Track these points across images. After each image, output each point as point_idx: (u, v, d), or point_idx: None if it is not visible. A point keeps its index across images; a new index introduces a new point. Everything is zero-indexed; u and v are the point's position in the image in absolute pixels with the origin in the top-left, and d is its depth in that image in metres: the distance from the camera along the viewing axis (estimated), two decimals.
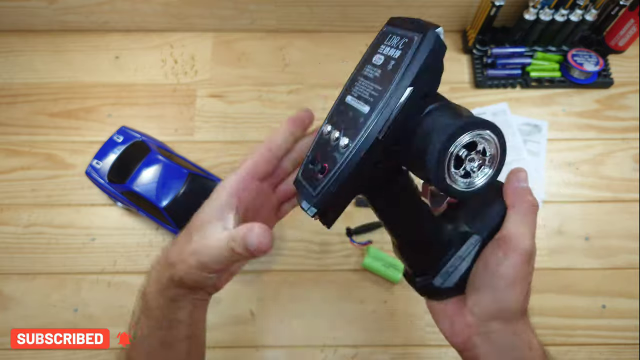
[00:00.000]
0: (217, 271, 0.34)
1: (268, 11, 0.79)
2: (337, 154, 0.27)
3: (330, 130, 0.29)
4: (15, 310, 0.65)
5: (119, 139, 0.69)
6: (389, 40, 0.29)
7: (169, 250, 0.36)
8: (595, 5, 0.71)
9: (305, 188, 0.29)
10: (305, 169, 0.30)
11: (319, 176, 0.28)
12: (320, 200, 0.28)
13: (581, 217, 0.70)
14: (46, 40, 0.81)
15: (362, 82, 0.29)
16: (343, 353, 0.63)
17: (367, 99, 0.27)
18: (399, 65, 0.26)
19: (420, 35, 0.26)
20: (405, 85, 0.26)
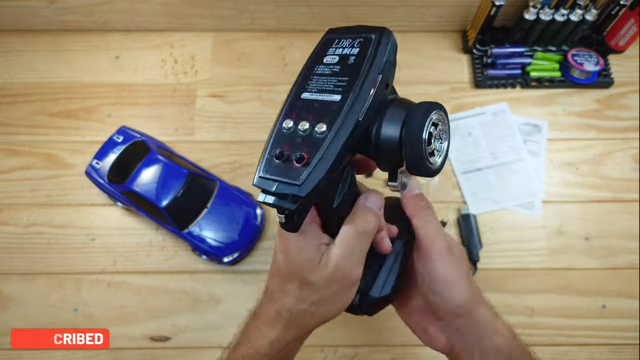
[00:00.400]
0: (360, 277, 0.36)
1: (268, 11, 0.79)
2: (314, 140, 0.28)
3: (293, 124, 0.29)
4: (15, 310, 0.65)
5: (119, 139, 0.69)
6: (338, 44, 0.31)
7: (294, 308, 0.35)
8: (596, 5, 0.70)
9: (278, 182, 0.28)
10: (269, 165, 0.29)
11: (296, 165, 0.27)
12: (308, 187, 0.27)
13: (581, 217, 0.70)
14: (46, 40, 0.81)
15: (319, 79, 0.30)
16: (343, 353, 0.63)
17: (334, 90, 0.29)
18: (363, 58, 0.29)
19: (377, 34, 0.30)
20: (376, 72, 0.28)
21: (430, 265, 0.36)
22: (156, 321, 0.64)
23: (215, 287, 0.66)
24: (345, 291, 0.34)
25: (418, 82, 0.79)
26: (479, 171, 0.73)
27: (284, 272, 0.35)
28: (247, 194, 0.69)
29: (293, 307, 0.35)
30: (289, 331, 0.36)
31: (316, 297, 0.34)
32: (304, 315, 0.35)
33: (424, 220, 0.37)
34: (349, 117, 0.28)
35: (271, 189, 0.28)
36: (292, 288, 0.34)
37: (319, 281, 0.33)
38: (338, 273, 0.33)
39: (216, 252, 0.64)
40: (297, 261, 0.33)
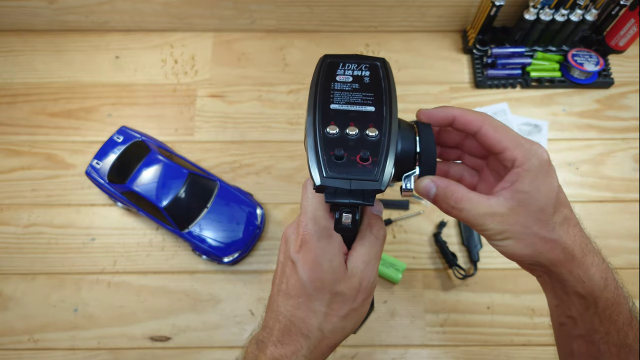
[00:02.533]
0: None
1: (268, 11, 0.79)
2: (370, 143, 0.30)
3: (339, 130, 0.30)
4: (15, 310, 0.65)
5: (119, 139, 0.69)
6: (345, 67, 0.35)
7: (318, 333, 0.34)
8: (596, 5, 0.70)
9: (352, 180, 0.29)
10: (331, 165, 0.29)
11: (363, 164, 0.29)
12: (384, 181, 0.29)
13: (581, 217, 0.70)
14: (46, 40, 0.81)
15: (342, 94, 0.33)
16: (343, 353, 0.63)
17: (364, 102, 0.32)
18: (378, 78, 0.34)
19: (381, 62, 0.35)
20: (394, 91, 0.33)
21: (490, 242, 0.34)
22: (156, 321, 0.64)
23: (215, 287, 0.66)
24: (368, 300, 0.35)
25: (418, 82, 0.79)
26: None
27: (310, 290, 0.33)
28: (247, 194, 0.69)
29: (324, 325, 0.33)
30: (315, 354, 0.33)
31: (347, 309, 0.33)
32: (334, 331, 0.33)
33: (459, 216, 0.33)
34: (393, 123, 0.31)
35: (347, 186, 0.29)
36: (320, 305, 0.33)
37: (348, 291, 0.33)
38: (364, 282, 0.33)
39: (216, 252, 0.64)
40: (328, 273, 0.32)
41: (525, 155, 0.31)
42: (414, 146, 0.32)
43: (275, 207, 0.71)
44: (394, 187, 0.71)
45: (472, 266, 0.67)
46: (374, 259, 0.34)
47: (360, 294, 0.33)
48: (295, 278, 0.33)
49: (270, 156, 0.74)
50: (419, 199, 0.71)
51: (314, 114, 0.31)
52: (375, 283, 0.35)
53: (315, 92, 0.33)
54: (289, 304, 0.33)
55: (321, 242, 0.32)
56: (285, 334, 0.33)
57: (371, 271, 0.34)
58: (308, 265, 0.32)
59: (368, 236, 0.34)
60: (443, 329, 0.64)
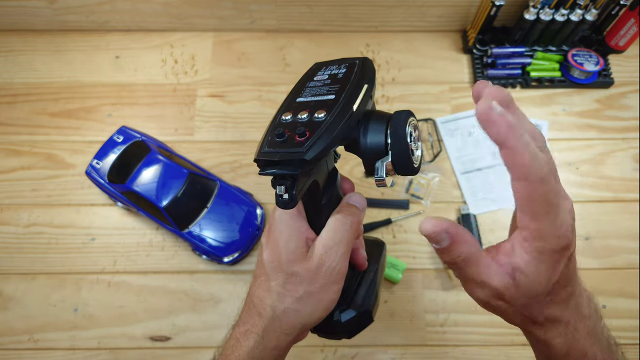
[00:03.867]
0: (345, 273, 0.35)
1: (268, 11, 0.79)
2: (314, 122, 0.30)
3: (292, 116, 0.32)
4: (15, 310, 0.65)
5: (119, 139, 0.69)
6: (325, 70, 0.36)
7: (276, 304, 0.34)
8: (596, 5, 0.70)
9: (282, 152, 0.30)
10: (271, 143, 0.30)
11: (298, 140, 0.30)
12: (312, 152, 0.29)
13: (581, 217, 0.70)
14: (46, 40, 0.81)
15: (312, 89, 0.34)
16: (343, 353, 0.63)
17: (328, 93, 0.33)
18: (350, 74, 0.34)
19: (361, 59, 0.35)
20: (364, 81, 0.33)
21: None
22: (156, 321, 0.64)
23: (215, 287, 0.66)
24: (331, 287, 0.34)
25: (418, 82, 0.79)
26: (479, 171, 0.73)
27: (268, 270, 0.34)
28: (247, 194, 0.69)
29: (276, 304, 0.33)
30: (269, 336, 0.34)
31: (301, 291, 0.33)
32: (287, 313, 0.33)
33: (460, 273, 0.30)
34: (345, 106, 0.31)
35: (275, 158, 0.30)
36: (276, 284, 0.34)
37: (305, 273, 0.33)
38: (324, 265, 0.33)
39: (216, 252, 0.64)
40: (284, 253, 0.33)
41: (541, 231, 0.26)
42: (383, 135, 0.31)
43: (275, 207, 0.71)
44: (394, 188, 0.71)
45: None
46: (338, 244, 0.33)
47: (318, 278, 0.33)
48: (259, 259, 0.35)
49: None
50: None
51: (280, 107, 0.34)
52: (340, 270, 0.34)
53: (290, 91, 0.35)
54: (254, 284, 0.35)
55: (282, 224, 0.34)
56: (246, 312, 0.35)
57: (333, 256, 0.33)
58: (269, 246, 0.34)
59: (333, 221, 0.34)
60: (443, 329, 0.64)
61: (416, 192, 0.71)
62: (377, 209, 0.70)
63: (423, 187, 0.71)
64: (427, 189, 0.71)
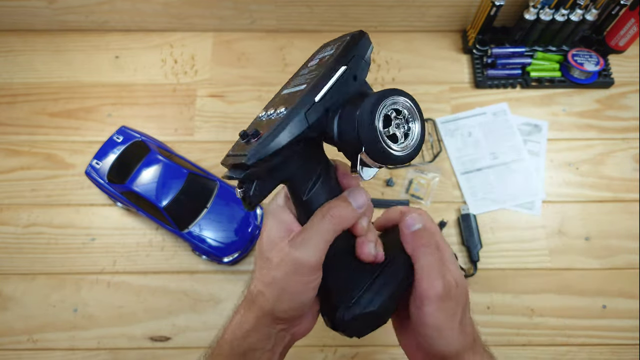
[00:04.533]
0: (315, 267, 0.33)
1: (268, 11, 0.79)
2: (273, 121, 0.30)
3: (264, 113, 0.32)
4: (15, 310, 0.65)
5: (119, 139, 0.69)
6: (321, 52, 0.34)
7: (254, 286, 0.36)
8: (596, 5, 0.70)
9: (233, 156, 0.30)
10: (235, 146, 0.32)
11: (252, 141, 0.30)
12: (253, 157, 0.28)
13: (581, 217, 0.70)
14: (46, 40, 0.81)
15: (298, 78, 0.33)
16: (343, 353, 0.63)
17: (304, 82, 0.31)
18: (334, 55, 0.31)
19: (351, 35, 0.32)
20: (341, 63, 0.30)
21: (421, 309, 0.34)
22: (156, 321, 0.64)
23: (215, 287, 0.66)
24: (297, 278, 0.33)
25: (418, 82, 0.79)
26: (479, 171, 0.73)
27: (256, 255, 0.37)
28: None
29: (252, 287, 0.35)
30: (248, 315, 0.36)
31: (269, 278, 0.33)
32: (258, 297, 0.34)
33: (422, 260, 0.34)
34: (305, 98, 0.29)
35: (227, 162, 0.31)
36: (256, 268, 0.36)
37: (273, 259, 0.33)
38: (290, 254, 0.32)
39: (216, 252, 0.64)
40: (265, 240, 0.35)
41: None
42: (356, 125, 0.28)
43: None
44: (395, 188, 0.71)
45: (472, 266, 0.67)
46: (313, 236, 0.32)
47: (283, 265, 0.32)
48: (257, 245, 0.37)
49: None
50: (417, 199, 0.71)
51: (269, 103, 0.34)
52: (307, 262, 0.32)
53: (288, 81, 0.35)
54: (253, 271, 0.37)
55: (270, 214, 0.36)
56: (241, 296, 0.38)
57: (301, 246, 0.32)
58: (260, 235, 0.36)
59: (315, 213, 0.33)
60: None
61: (416, 192, 0.71)
62: (377, 209, 0.70)
63: (423, 187, 0.71)
64: (427, 189, 0.71)
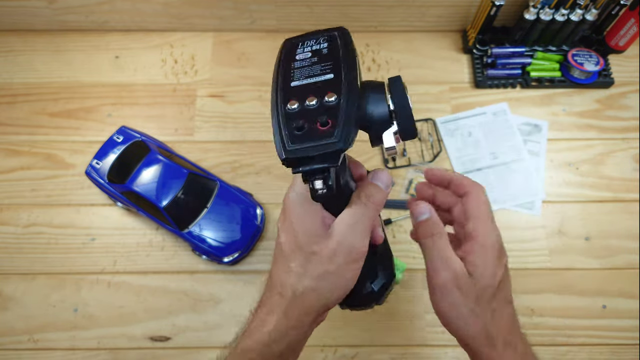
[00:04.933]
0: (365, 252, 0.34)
1: (268, 11, 0.79)
2: (328, 108, 0.29)
3: (298, 104, 0.30)
4: (15, 310, 0.65)
5: (119, 139, 0.69)
6: (304, 45, 0.34)
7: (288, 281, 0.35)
8: (596, 5, 0.70)
9: (313, 146, 0.29)
10: (293, 138, 0.29)
11: (322, 129, 0.29)
12: (346, 140, 0.28)
13: (581, 217, 0.70)
14: (46, 40, 0.81)
15: (302, 70, 0.32)
16: (343, 353, 0.63)
17: (323, 72, 0.31)
18: (336, 47, 0.32)
19: (339, 31, 0.33)
20: (353, 56, 0.32)
21: (431, 297, 0.36)
22: (156, 321, 0.64)
23: (215, 287, 0.66)
24: (351, 265, 0.34)
25: (418, 82, 0.79)
26: (479, 171, 0.73)
27: (287, 252, 0.34)
28: (247, 194, 0.69)
29: (296, 284, 0.34)
30: (290, 315, 0.34)
31: (320, 270, 0.33)
32: (307, 293, 0.34)
33: (430, 249, 0.36)
34: (351, 85, 0.30)
35: (310, 154, 0.29)
36: (295, 265, 0.34)
37: (323, 251, 0.33)
38: (343, 244, 0.33)
39: (216, 252, 0.64)
40: (301, 235, 0.33)
41: (486, 232, 0.36)
42: (386, 104, 0.31)
43: (275, 207, 0.71)
44: (394, 187, 0.71)
45: None
46: (358, 222, 0.33)
47: (337, 256, 0.33)
48: (277, 243, 0.36)
49: (270, 156, 0.74)
50: None
51: (275, 95, 0.32)
52: (360, 248, 0.34)
53: (277, 75, 0.33)
54: (273, 267, 0.36)
55: (297, 207, 0.34)
56: (267, 294, 0.36)
57: (352, 234, 0.33)
58: (286, 230, 0.35)
59: (354, 200, 0.34)
60: (443, 329, 0.64)
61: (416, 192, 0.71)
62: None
63: None
64: None
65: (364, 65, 0.80)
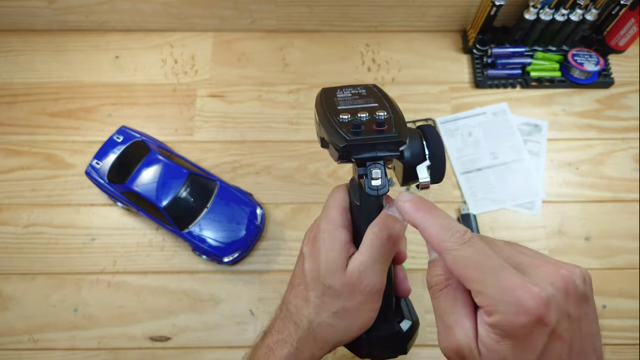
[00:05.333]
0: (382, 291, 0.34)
1: (268, 11, 0.79)
2: (379, 119, 0.31)
3: (351, 116, 0.31)
4: (15, 310, 0.65)
5: (119, 139, 0.69)
6: (343, 90, 0.36)
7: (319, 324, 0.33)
8: (596, 5, 0.70)
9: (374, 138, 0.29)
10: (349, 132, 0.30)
11: (378, 128, 0.30)
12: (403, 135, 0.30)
13: (581, 217, 0.70)
14: (46, 40, 0.81)
15: (345, 101, 0.34)
16: (343, 353, 0.63)
17: (366, 102, 0.33)
18: (375, 93, 0.34)
19: (372, 85, 0.36)
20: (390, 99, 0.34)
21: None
22: (156, 321, 0.64)
23: (215, 287, 0.66)
24: (368, 305, 0.33)
25: (418, 82, 0.79)
26: (479, 171, 0.73)
27: (308, 279, 0.33)
28: (247, 194, 0.69)
29: (313, 316, 0.33)
30: (303, 348, 0.33)
31: (338, 306, 0.32)
32: (323, 327, 0.33)
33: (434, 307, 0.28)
34: (394, 109, 0.32)
35: (370, 141, 0.30)
36: (314, 295, 0.33)
37: (341, 288, 0.32)
38: (362, 282, 0.32)
39: (216, 252, 0.64)
40: (323, 264, 0.32)
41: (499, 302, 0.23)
42: (422, 147, 0.32)
43: (275, 207, 0.71)
44: (394, 187, 0.71)
45: None
46: (375, 262, 0.32)
47: (356, 294, 0.32)
48: (300, 268, 0.34)
49: (270, 156, 0.74)
50: None
51: (324, 112, 0.32)
52: (379, 288, 0.33)
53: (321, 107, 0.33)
54: (291, 292, 0.35)
55: (326, 234, 0.33)
56: (281, 320, 0.35)
57: (372, 275, 0.32)
58: (310, 256, 0.33)
59: (370, 236, 0.32)
60: None
61: (416, 192, 0.71)
62: None
63: None
64: (428, 189, 0.71)
65: (364, 65, 0.80)
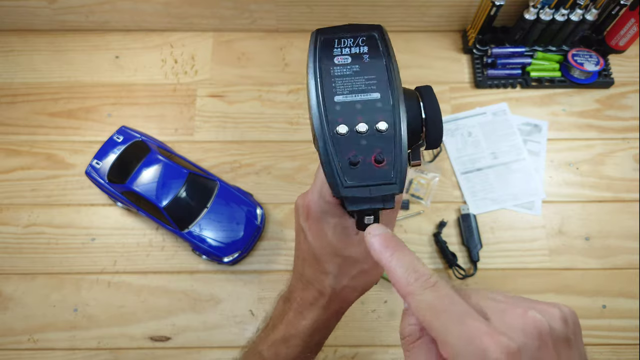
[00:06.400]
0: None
1: (268, 11, 0.79)
2: (380, 138, 0.29)
3: (348, 129, 0.30)
4: (15, 310, 0.65)
5: (119, 139, 0.69)
6: (340, 44, 0.33)
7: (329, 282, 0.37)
8: (596, 5, 0.70)
9: (371, 186, 0.29)
10: (348, 173, 0.29)
11: (378, 166, 0.29)
12: (401, 183, 0.29)
13: (581, 217, 0.70)
14: (46, 40, 0.81)
15: (344, 80, 0.32)
16: (343, 353, 0.63)
17: (368, 89, 0.31)
18: (378, 54, 0.32)
19: (377, 32, 0.32)
20: (397, 70, 0.32)
21: None
22: (156, 321, 0.64)
23: (215, 287, 0.66)
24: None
25: (418, 82, 0.78)
26: (479, 171, 0.73)
27: (320, 255, 0.36)
28: (247, 194, 0.69)
29: (336, 284, 0.36)
30: (330, 308, 0.37)
31: (357, 270, 0.36)
32: (346, 290, 0.37)
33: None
34: (399, 111, 0.30)
35: (367, 194, 0.29)
36: (332, 267, 0.36)
37: (359, 254, 0.35)
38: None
39: (216, 252, 0.64)
40: (333, 240, 0.35)
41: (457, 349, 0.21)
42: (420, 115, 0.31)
43: (275, 207, 0.71)
44: None
45: (472, 266, 0.67)
46: (388, 224, 0.35)
47: (370, 256, 0.32)
48: (307, 245, 0.36)
49: (270, 156, 0.74)
50: (417, 199, 0.71)
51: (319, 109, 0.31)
52: None
53: (316, 81, 0.32)
54: (306, 268, 0.37)
55: (324, 213, 0.35)
56: (302, 290, 0.38)
57: None
58: (315, 235, 0.35)
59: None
60: None
61: (416, 192, 0.71)
62: None
63: (423, 187, 0.71)
64: (427, 189, 0.71)
65: None
